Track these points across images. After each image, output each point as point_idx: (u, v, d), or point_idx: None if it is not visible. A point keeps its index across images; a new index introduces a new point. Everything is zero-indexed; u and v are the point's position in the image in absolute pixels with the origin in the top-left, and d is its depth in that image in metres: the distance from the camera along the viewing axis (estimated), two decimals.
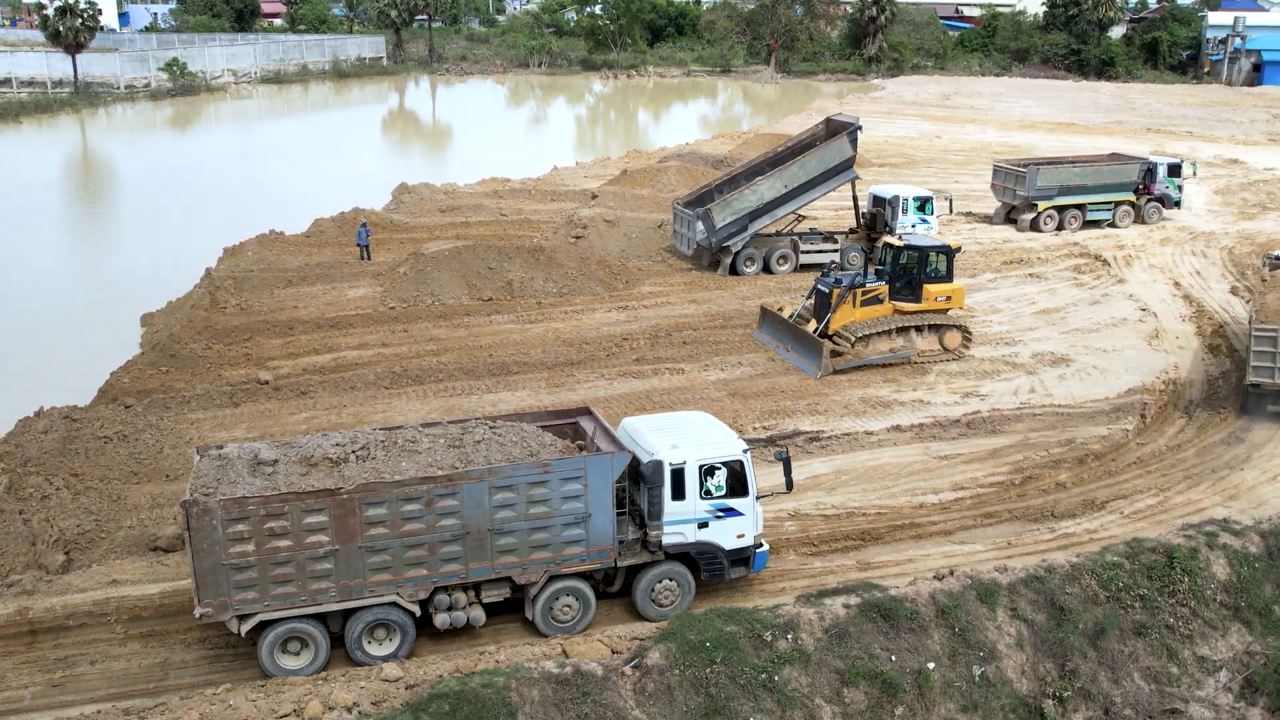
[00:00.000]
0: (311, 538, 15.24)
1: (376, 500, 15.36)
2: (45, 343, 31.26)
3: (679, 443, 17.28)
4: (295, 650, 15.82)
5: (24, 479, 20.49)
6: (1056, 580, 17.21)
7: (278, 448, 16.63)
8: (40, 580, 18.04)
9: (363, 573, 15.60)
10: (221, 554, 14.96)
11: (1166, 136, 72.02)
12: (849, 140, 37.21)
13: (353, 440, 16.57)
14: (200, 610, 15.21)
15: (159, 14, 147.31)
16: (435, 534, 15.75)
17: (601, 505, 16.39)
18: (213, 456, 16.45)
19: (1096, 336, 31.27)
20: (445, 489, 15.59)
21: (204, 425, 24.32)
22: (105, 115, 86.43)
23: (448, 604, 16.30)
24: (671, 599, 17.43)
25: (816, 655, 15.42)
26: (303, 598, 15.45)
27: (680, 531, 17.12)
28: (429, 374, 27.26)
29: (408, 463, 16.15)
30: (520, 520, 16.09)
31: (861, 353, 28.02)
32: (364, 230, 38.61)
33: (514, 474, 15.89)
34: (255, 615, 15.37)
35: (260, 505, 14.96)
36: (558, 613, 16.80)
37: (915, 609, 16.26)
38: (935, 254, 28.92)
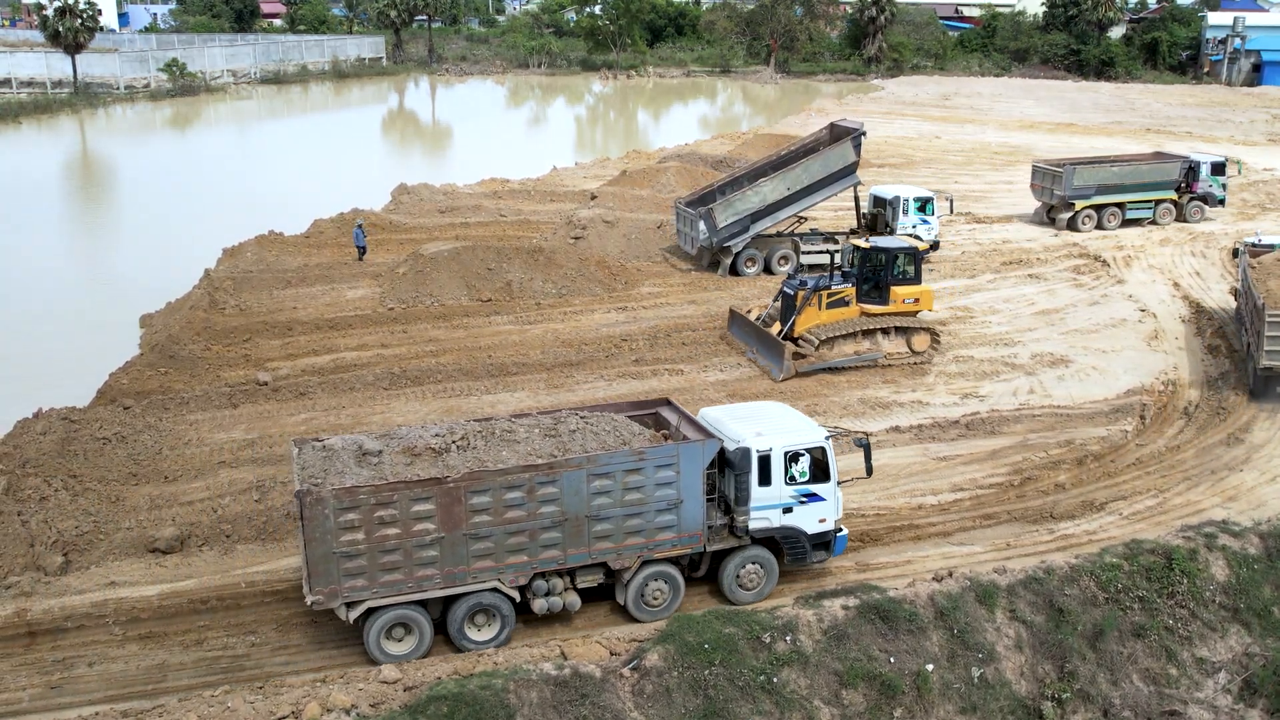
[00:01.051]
0: (418, 525, 15.54)
1: (481, 488, 15.68)
2: (44, 343, 31.24)
3: (763, 430, 17.71)
4: (399, 636, 16.08)
5: (22, 480, 20.48)
6: (1055, 582, 17.21)
7: (379, 439, 16.93)
8: (39, 582, 18.03)
9: (466, 559, 15.91)
10: (333, 542, 15.22)
11: (1166, 137, 71.95)
12: (853, 145, 37.26)
13: (451, 431, 16.90)
14: (311, 598, 15.45)
15: (158, 14, 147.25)
16: (535, 521, 16.12)
17: (693, 492, 16.79)
18: (316, 448, 16.66)
19: (1096, 337, 31.26)
20: (546, 477, 15.96)
21: (203, 426, 24.30)
22: (105, 116, 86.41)
23: (545, 589, 16.62)
24: (756, 583, 17.83)
25: (815, 657, 15.42)
26: (409, 584, 15.75)
27: (766, 517, 17.53)
28: (428, 375, 27.24)
29: (507, 452, 16.48)
30: (616, 507, 16.47)
31: (825, 355, 27.79)
32: (360, 231, 38.54)
33: (611, 462, 16.25)
34: (363, 602, 15.63)
35: (371, 494, 15.24)
36: (649, 597, 17.16)
37: (914, 610, 16.26)
38: (902, 256, 28.69)
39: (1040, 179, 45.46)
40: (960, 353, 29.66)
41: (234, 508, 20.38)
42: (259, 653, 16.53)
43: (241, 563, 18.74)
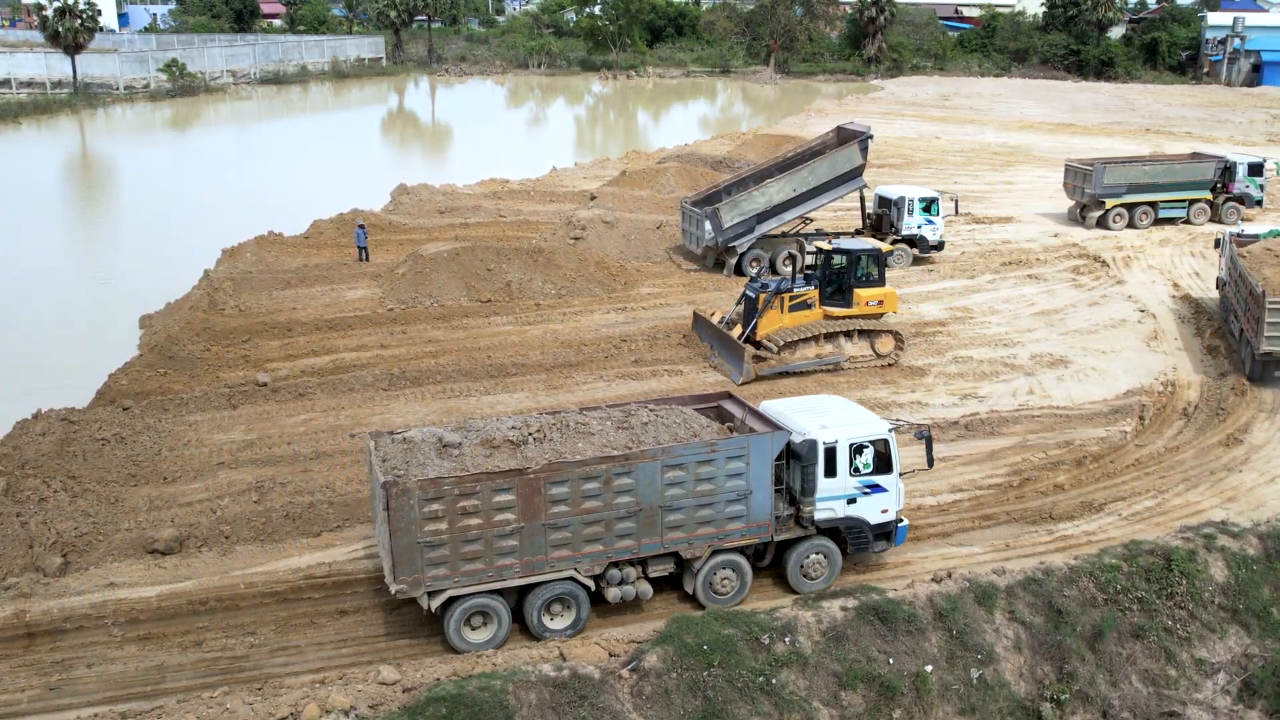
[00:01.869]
0: (499, 516, 15.84)
1: (560, 479, 16.00)
2: (43, 344, 31.24)
3: (828, 423, 18.08)
4: (478, 625, 16.39)
5: (21, 481, 20.50)
6: (1054, 583, 17.21)
7: (457, 431, 17.25)
8: (38, 583, 18.03)
9: (544, 549, 16.21)
10: (417, 532, 15.50)
11: (1166, 137, 72.00)
12: (859, 148, 37.32)
13: (526, 424, 17.28)
14: (396, 586, 15.71)
15: (158, 14, 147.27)
16: (611, 511, 16.43)
17: (761, 482, 17.13)
18: (396, 440, 16.95)
19: (1095, 338, 31.26)
20: (622, 468, 16.28)
21: (202, 427, 24.29)
22: (104, 116, 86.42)
23: (619, 578, 16.95)
24: (820, 572, 18.18)
25: (814, 658, 15.42)
26: (489, 574, 16.06)
27: (831, 507, 17.88)
28: (427, 376, 27.23)
29: (583, 444, 16.83)
30: (688, 497, 16.79)
31: (787, 359, 27.55)
32: (361, 231, 38.51)
33: (684, 453, 16.59)
34: (445, 591, 15.94)
35: (454, 485, 15.54)
36: (718, 586, 17.50)
37: (913, 611, 16.26)
38: (866, 258, 28.50)
39: (1072, 177, 45.79)
40: (959, 353, 29.66)
41: (233, 509, 20.38)
42: (258, 654, 16.52)
43: (240, 564, 18.73)
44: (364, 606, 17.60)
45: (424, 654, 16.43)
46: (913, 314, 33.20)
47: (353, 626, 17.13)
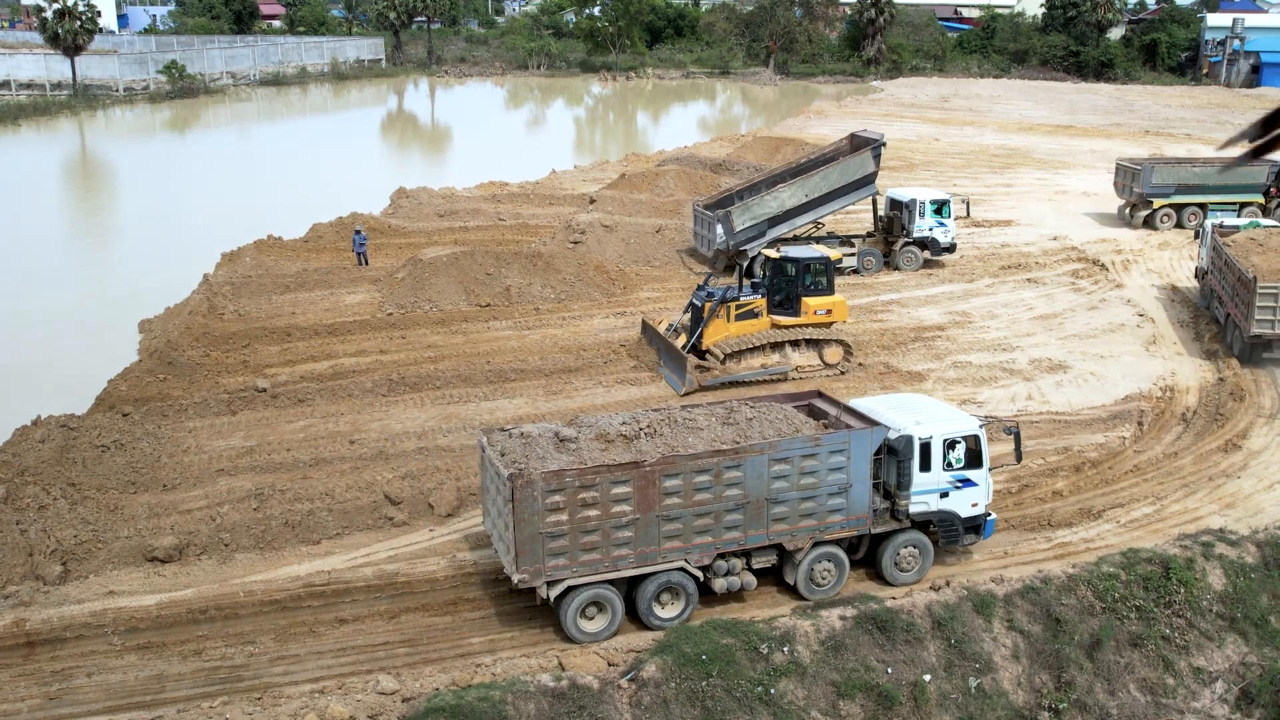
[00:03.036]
0: (616, 507, 16.36)
1: (674, 472, 16.50)
2: (43, 348, 31.25)
3: (921, 419, 18.57)
4: (592, 615, 16.84)
5: (21, 489, 20.51)
6: (1052, 591, 17.24)
7: (571, 426, 17.81)
8: (38, 591, 18.05)
9: (657, 540, 16.71)
10: (539, 523, 16.00)
11: (1165, 139, 72.05)
12: (872, 156, 37.39)
13: (636, 419, 17.95)
14: (518, 576, 16.22)
15: (158, 15, 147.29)
16: (721, 503, 16.94)
17: (861, 476, 17.67)
18: (513, 435, 17.53)
19: (1094, 342, 31.27)
20: (732, 461, 16.80)
21: (201, 434, 24.30)
22: (104, 118, 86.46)
23: (725, 569, 17.39)
24: (913, 564, 18.67)
25: (813, 668, 15.45)
26: (605, 564, 16.57)
27: (925, 501, 18.41)
28: (426, 381, 27.24)
29: (693, 438, 17.38)
30: (792, 490, 17.32)
31: (731, 369, 27.14)
32: (360, 237, 38.45)
33: (790, 447, 17.13)
34: (563, 581, 16.40)
35: (575, 477, 16.04)
36: (817, 577, 18.00)
37: (911, 620, 16.29)
38: (814, 266, 28.15)
39: (1122, 176, 46.05)
40: (959, 358, 29.67)
41: (232, 516, 20.38)
42: (257, 663, 16.53)
43: (240, 572, 18.76)
44: (363, 615, 17.61)
45: (423, 663, 16.45)
46: (912, 318, 33.24)
47: (352, 635, 17.15)
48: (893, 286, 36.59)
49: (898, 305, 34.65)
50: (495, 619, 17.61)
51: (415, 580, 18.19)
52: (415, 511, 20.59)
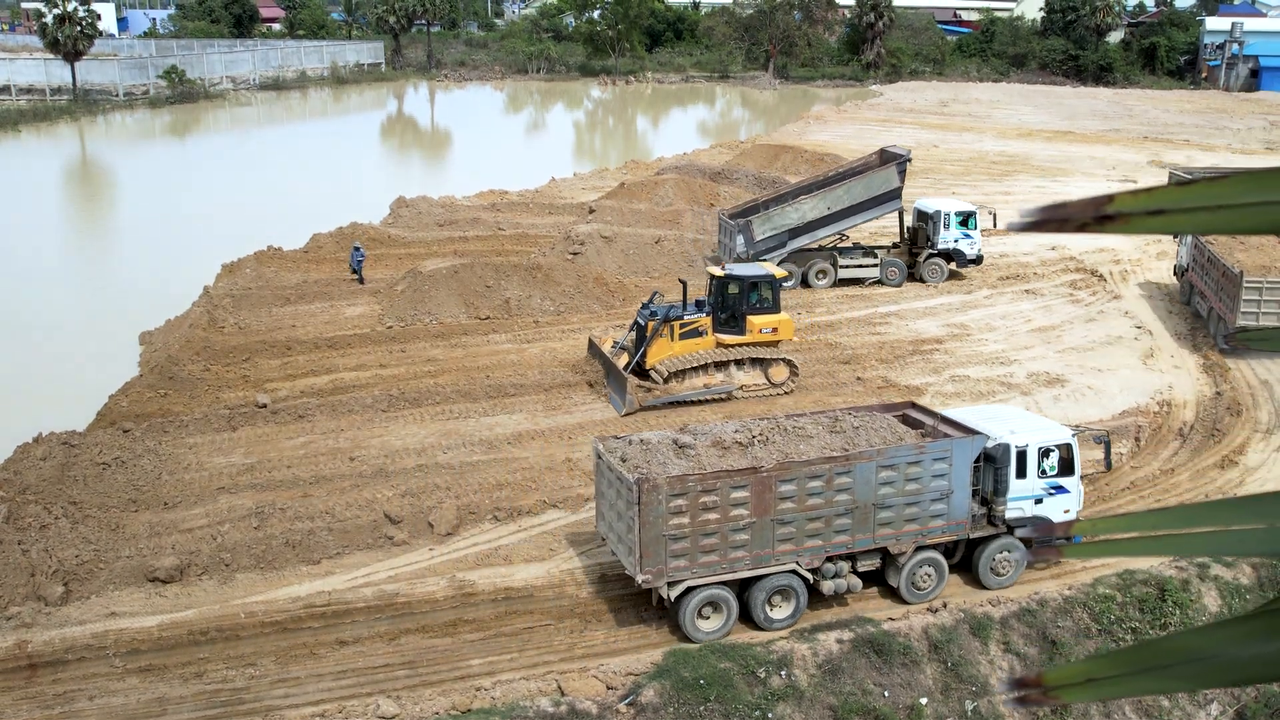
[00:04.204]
0: (734, 511, 17.10)
1: (789, 478, 17.28)
2: (43, 361, 31.34)
3: (1016, 428, 19.37)
4: (708, 615, 17.54)
5: (23, 508, 20.55)
6: (1049, 613, 17.38)
7: (686, 433, 18.64)
8: (40, 612, 18.14)
9: (771, 543, 17.44)
10: (663, 526, 16.75)
11: (1164, 145, 72.15)
12: (897, 171, 37.18)
13: (748, 428, 18.61)
14: (641, 577, 16.99)
15: (158, 19, 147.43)
16: (831, 508, 17.69)
17: (962, 483, 18.37)
18: (632, 442, 18.31)
19: (1092, 355, 31.37)
20: (843, 468, 17.57)
21: (202, 450, 24.39)
22: (104, 123, 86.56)
23: (833, 572, 18.07)
24: (1008, 569, 19.30)
25: (810, 691, 15.56)
26: (723, 566, 17.31)
27: (1020, 507, 19.01)
28: (426, 396, 27.32)
29: (804, 446, 18.09)
30: (898, 496, 18.02)
31: (673, 389, 26.78)
32: (358, 254, 37.56)
33: (896, 454, 17.90)
34: (683, 582, 17.14)
35: (698, 482, 16.79)
36: (919, 581, 18.65)
37: (908, 643, 16.42)
38: (760, 284, 27.71)
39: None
40: (956, 372, 29.77)
41: (233, 535, 20.47)
42: (258, 685, 16.63)
43: (241, 592, 18.85)
44: (363, 637, 17.71)
45: (422, 686, 16.55)
46: (910, 331, 33.35)
47: (352, 658, 17.25)
48: (890, 298, 36.69)
49: (895, 317, 34.74)
50: (494, 641, 17.70)
51: (415, 601, 18.29)
52: (415, 531, 20.68)
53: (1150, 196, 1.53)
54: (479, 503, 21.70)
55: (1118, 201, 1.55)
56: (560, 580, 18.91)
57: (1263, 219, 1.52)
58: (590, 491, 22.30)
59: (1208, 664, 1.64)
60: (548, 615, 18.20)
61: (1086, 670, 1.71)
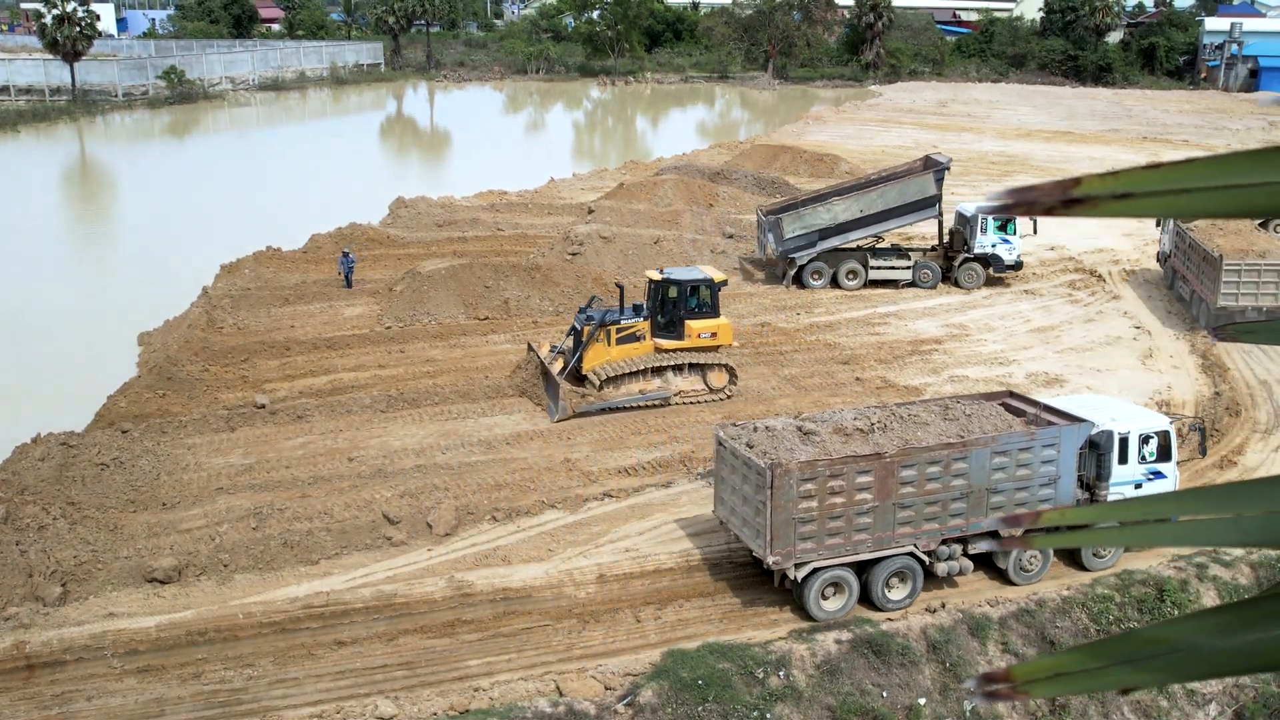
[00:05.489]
0: (859, 495, 17.70)
1: (910, 463, 17.84)
2: (42, 361, 31.30)
3: (1116, 416, 20.12)
4: (829, 595, 18.14)
5: (21, 508, 20.54)
6: (1047, 614, 17.37)
7: (809, 420, 19.18)
8: (37, 613, 18.11)
9: (892, 526, 18.04)
10: (793, 509, 17.31)
11: (1163, 145, 72.18)
12: (934, 179, 36.91)
13: (866, 415, 19.31)
14: (771, 559, 17.52)
15: (157, 19, 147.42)
16: (948, 492, 18.27)
17: (1068, 469, 18.96)
18: (758, 429, 18.76)
19: (1091, 355, 31.37)
20: (960, 454, 18.15)
21: (200, 451, 24.38)
22: (103, 123, 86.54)
23: (947, 554, 18.67)
24: (1108, 552, 19.92)
25: (808, 692, 15.55)
26: (846, 548, 17.90)
27: (1121, 492, 19.57)
28: (425, 397, 27.31)
29: (921, 432, 18.69)
30: (1009, 481, 18.57)
31: (608, 395, 26.37)
32: (348, 259, 36.95)
33: (1009, 441, 18.48)
34: (809, 564, 17.73)
35: (826, 467, 17.40)
36: (1025, 564, 19.37)
37: (907, 644, 16.40)
38: (699, 288, 27.20)
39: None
40: (955, 372, 29.77)
41: (231, 535, 20.45)
42: (256, 686, 16.60)
43: (239, 593, 18.83)
44: (361, 637, 17.67)
45: (420, 686, 16.53)
46: (909, 331, 33.36)
47: (350, 658, 17.23)
48: (890, 298, 36.69)
49: (894, 317, 34.75)
50: (492, 641, 17.68)
51: (413, 601, 18.27)
52: (413, 531, 20.66)
53: (1117, 180, 1.53)
54: (477, 503, 21.69)
55: (1085, 185, 1.55)
56: (559, 581, 18.89)
57: (1231, 202, 1.52)
58: (589, 491, 22.42)
59: (1182, 656, 1.65)
60: (546, 616, 18.19)
61: (1055, 665, 1.71)
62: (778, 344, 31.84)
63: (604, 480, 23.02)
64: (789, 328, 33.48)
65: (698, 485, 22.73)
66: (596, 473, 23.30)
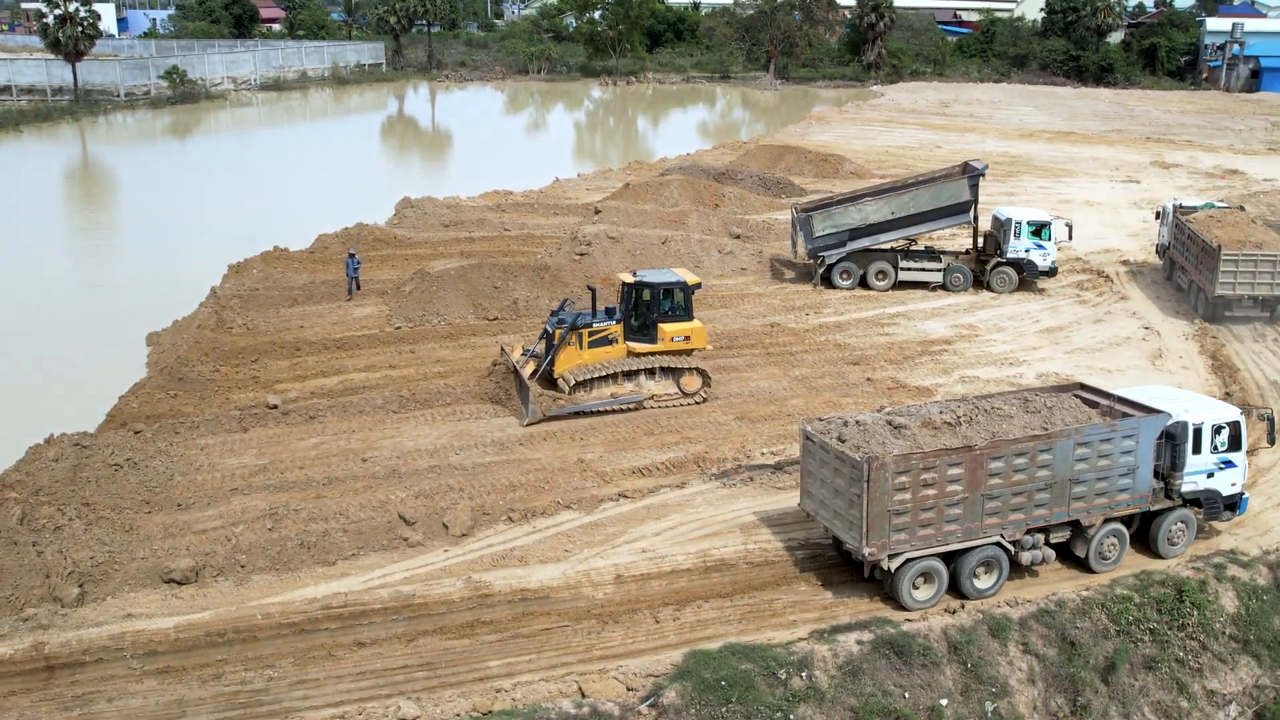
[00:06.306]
0: (950, 487, 18.03)
1: (998, 455, 18.20)
2: (50, 363, 31.27)
3: (1189, 407, 20.56)
4: (919, 585, 18.39)
5: (37, 509, 20.52)
6: (1067, 614, 17.39)
7: (897, 414, 19.55)
8: (56, 614, 18.08)
9: (980, 517, 18.37)
10: (888, 502, 17.63)
11: (1166, 146, 72.20)
12: (969, 184, 36.63)
13: (952, 409, 19.65)
14: (868, 550, 17.81)
15: (158, 20, 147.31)
16: (1033, 483, 18.61)
17: (1145, 459, 19.44)
18: (849, 424, 19.10)
19: (1100, 356, 31.36)
20: (1045, 445, 18.48)
21: (214, 451, 24.35)
22: (105, 123, 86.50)
23: (1031, 543, 18.95)
24: (1182, 538, 20.36)
25: (831, 693, 15.56)
26: (937, 538, 18.21)
27: (1194, 480, 20.25)
28: (437, 398, 27.29)
29: (1006, 425, 19.09)
30: (1091, 471, 19.00)
31: (579, 399, 26.14)
32: (353, 261, 36.53)
33: (1092, 433, 18.90)
34: (902, 554, 18.05)
35: (920, 460, 17.73)
36: (1105, 551, 19.64)
37: (928, 645, 16.42)
38: (673, 291, 26.89)
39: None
40: (966, 373, 29.76)
41: (248, 536, 20.43)
42: (277, 687, 16.58)
43: (257, 593, 18.80)
44: (380, 638, 17.65)
45: (441, 687, 16.52)
46: (918, 331, 33.35)
47: (371, 659, 17.22)
48: (898, 299, 36.69)
49: (903, 318, 34.75)
50: (512, 642, 17.66)
51: (431, 602, 18.26)
52: (430, 532, 20.65)
53: None
54: (493, 504, 21.68)
55: None
56: (576, 581, 18.87)
57: None
58: (604, 492, 22.40)
59: None
60: (565, 616, 18.18)
61: None
62: (788, 344, 31.82)
63: (618, 481, 23.01)
64: (798, 328, 33.47)
65: (712, 486, 22.73)
66: (610, 473, 23.30)
